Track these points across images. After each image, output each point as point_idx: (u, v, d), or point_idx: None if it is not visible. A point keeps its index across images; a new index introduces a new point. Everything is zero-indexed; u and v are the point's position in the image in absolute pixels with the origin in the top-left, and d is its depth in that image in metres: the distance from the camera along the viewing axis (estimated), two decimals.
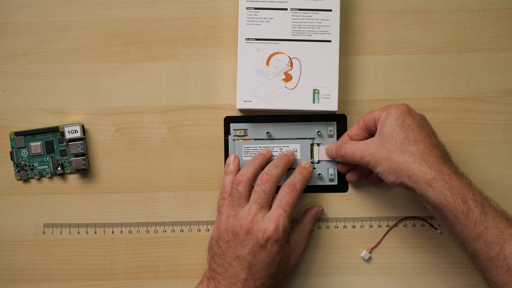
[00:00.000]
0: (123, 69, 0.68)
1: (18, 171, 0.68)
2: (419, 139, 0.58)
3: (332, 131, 0.68)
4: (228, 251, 0.59)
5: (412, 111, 0.60)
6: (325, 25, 0.65)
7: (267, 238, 0.58)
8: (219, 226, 0.61)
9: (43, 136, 0.67)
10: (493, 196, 0.67)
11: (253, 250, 0.58)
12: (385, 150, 0.58)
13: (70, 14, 0.68)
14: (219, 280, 0.59)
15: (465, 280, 0.67)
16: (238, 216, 0.60)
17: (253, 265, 0.58)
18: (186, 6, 0.68)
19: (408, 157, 0.57)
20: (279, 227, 0.58)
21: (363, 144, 0.60)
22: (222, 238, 0.60)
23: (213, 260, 0.61)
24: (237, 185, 0.61)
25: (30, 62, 0.68)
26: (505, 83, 0.68)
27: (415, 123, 0.59)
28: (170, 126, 0.68)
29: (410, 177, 0.56)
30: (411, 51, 0.68)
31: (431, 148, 0.57)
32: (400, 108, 0.60)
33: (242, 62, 0.65)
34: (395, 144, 0.58)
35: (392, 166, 0.57)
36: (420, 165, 0.56)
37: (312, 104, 0.65)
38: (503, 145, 0.68)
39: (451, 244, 0.67)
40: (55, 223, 0.68)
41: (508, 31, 0.68)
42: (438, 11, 0.68)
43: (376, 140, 0.60)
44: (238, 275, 0.58)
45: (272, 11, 0.65)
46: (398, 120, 0.59)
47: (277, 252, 0.58)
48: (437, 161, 0.57)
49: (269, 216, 0.59)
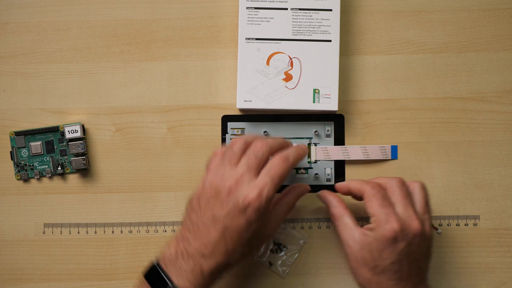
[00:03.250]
0: (123, 69, 0.68)
1: (18, 171, 0.68)
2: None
3: (330, 131, 0.68)
4: (206, 209, 0.56)
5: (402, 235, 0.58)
6: (325, 24, 0.65)
7: (247, 204, 0.54)
8: (204, 183, 0.58)
9: (43, 136, 0.67)
10: (493, 196, 0.67)
11: (231, 213, 0.55)
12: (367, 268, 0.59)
13: (70, 14, 0.68)
14: (189, 241, 0.57)
15: (465, 280, 0.67)
16: (225, 175, 0.56)
17: (228, 229, 0.55)
18: (186, 6, 0.68)
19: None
20: (262, 195, 0.54)
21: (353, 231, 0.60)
22: (204, 194, 0.57)
23: (189, 218, 0.58)
24: (232, 144, 0.58)
25: (30, 62, 0.68)
26: (505, 83, 0.68)
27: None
28: (170, 126, 0.68)
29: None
30: (411, 51, 0.68)
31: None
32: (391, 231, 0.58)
33: (242, 62, 0.65)
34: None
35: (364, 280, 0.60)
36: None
37: (312, 104, 0.65)
38: (503, 145, 0.68)
39: (451, 244, 0.67)
40: (55, 223, 0.68)
41: (508, 31, 0.68)
42: (438, 11, 0.68)
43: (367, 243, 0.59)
44: (210, 237, 0.56)
45: (272, 11, 0.65)
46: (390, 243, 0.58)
47: (255, 219, 0.55)
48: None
49: (255, 182, 0.55)
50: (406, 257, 0.58)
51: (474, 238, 0.67)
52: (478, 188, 0.68)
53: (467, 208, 0.68)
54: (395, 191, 0.60)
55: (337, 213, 0.62)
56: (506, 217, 0.67)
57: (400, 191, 0.59)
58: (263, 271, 0.68)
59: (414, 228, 0.57)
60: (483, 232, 0.67)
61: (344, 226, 0.61)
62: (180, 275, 0.56)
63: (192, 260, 0.56)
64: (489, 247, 0.67)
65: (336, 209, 0.62)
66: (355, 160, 0.68)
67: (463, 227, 0.68)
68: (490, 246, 0.67)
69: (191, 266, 0.56)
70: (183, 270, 0.56)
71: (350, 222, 0.61)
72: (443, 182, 0.67)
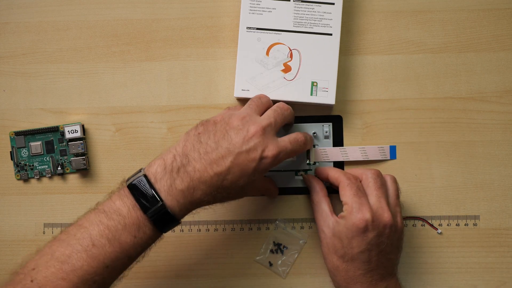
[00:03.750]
0: (123, 69, 0.68)
1: (18, 171, 0.68)
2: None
3: (328, 132, 0.68)
4: (223, 138, 0.55)
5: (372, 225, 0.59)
6: (327, 18, 0.65)
7: (264, 156, 0.55)
8: (226, 114, 0.58)
9: (43, 136, 0.67)
10: (493, 196, 0.67)
11: (247, 155, 0.55)
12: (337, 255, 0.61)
13: (70, 14, 0.68)
14: (189, 160, 0.54)
15: (465, 280, 0.67)
16: (252, 118, 0.57)
17: (236, 167, 0.54)
18: (186, 6, 0.68)
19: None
20: (278, 157, 0.56)
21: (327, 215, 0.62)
22: (224, 123, 0.57)
23: (197, 137, 0.56)
24: (261, 97, 0.62)
25: (30, 62, 0.68)
26: (505, 83, 0.68)
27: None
28: (170, 126, 0.68)
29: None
30: (411, 51, 0.68)
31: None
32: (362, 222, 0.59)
33: (242, 51, 0.65)
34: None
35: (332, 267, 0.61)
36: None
37: (309, 96, 0.65)
38: (503, 145, 0.68)
39: (451, 244, 0.67)
40: (55, 223, 0.68)
41: (508, 31, 0.68)
42: (438, 11, 0.68)
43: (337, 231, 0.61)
44: (218, 164, 0.54)
45: (275, 1, 0.65)
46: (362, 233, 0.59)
47: (259, 172, 0.56)
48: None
49: (277, 141, 0.57)
50: (376, 248, 0.59)
51: (474, 238, 0.67)
52: (478, 188, 0.67)
53: (467, 208, 0.68)
54: (370, 182, 0.61)
55: (316, 199, 0.64)
56: (506, 217, 0.67)
57: (374, 183, 0.61)
58: (263, 271, 0.68)
59: (385, 219, 0.59)
60: (483, 232, 0.67)
61: (321, 213, 0.63)
62: (170, 193, 0.54)
63: (188, 180, 0.54)
64: (489, 247, 0.67)
65: (316, 195, 0.64)
66: (354, 160, 0.68)
67: (463, 227, 0.68)
68: (490, 246, 0.67)
69: (185, 186, 0.54)
70: (174, 188, 0.54)
71: (327, 209, 0.62)
72: (443, 182, 0.67)
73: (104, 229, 0.52)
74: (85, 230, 0.53)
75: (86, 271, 0.51)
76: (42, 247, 0.53)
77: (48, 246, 0.53)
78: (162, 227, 0.54)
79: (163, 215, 0.53)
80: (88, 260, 0.51)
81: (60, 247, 0.52)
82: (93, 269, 0.51)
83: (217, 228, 0.68)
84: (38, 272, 0.51)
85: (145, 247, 0.55)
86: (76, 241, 0.52)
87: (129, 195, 0.54)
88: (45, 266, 0.51)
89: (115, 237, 0.52)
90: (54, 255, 0.52)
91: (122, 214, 0.53)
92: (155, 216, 0.53)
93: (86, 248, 0.52)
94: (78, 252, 0.51)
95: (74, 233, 0.53)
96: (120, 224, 0.53)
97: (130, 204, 0.53)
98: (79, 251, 0.51)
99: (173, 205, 0.54)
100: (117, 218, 0.53)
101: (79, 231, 0.53)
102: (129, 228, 0.53)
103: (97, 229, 0.52)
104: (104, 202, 0.55)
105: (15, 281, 0.51)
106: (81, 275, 0.51)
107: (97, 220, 0.53)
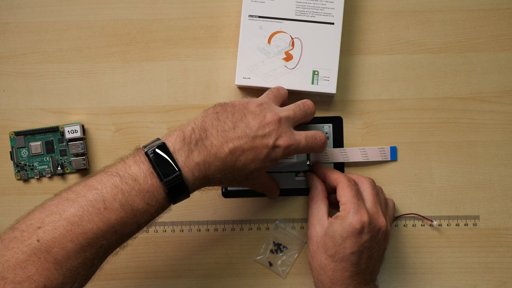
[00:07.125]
0: (123, 69, 0.68)
1: (18, 171, 0.68)
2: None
3: (328, 133, 0.68)
4: (241, 119, 0.56)
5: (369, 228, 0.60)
6: (329, 7, 0.65)
7: (278, 145, 0.56)
8: (247, 100, 0.59)
9: (43, 136, 0.67)
10: (493, 196, 0.67)
11: (261, 140, 0.56)
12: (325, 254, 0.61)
13: (70, 14, 0.68)
14: (207, 134, 0.55)
15: (465, 280, 0.67)
16: (271, 107, 0.58)
17: (251, 149, 0.56)
18: (186, 6, 0.68)
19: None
20: (290, 148, 0.57)
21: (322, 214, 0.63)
22: (243, 107, 0.57)
23: (215, 114, 0.57)
24: (280, 89, 0.63)
25: (30, 62, 0.68)
26: (505, 83, 0.68)
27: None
28: (170, 126, 0.68)
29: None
30: (411, 51, 0.68)
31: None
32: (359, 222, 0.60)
33: (243, 39, 0.65)
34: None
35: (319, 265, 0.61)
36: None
37: (311, 85, 0.65)
38: (503, 145, 0.68)
39: (451, 244, 0.67)
40: None
41: (508, 31, 0.68)
42: (438, 11, 0.68)
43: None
44: (234, 142, 0.55)
45: None
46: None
47: (270, 160, 0.57)
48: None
49: (293, 133, 0.58)
50: (367, 251, 0.60)
51: (474, 238, 0.67)
52: (478, 188, 0.68)
53: (467, 208, 0.68)
54: (367, 188, 0.62)
55: (316, 197, 0.64)
56: (506, 217, 0.67)
57: (371, 189, 0.62)
58: (263, 271, 0.68)
59: (380, 224, 0.60)
60: (483, 232, 0.68)
61: (317, 211, 0.63)
62: (187, 164, 0.54)
63: (205, 154, 0.54)
64: (489, 247, 0.67)
65: (317, 194, 0.64)
66: (355, 161, 0.68)
67: (463, 227, 0.68)
68: (490, 246, 0.67)
69: (201, 159, 0.54)
70: (192, 160, 0.54)
71: (324, 210, 0.63)
72: (443, 182, 0.68)
73: (117, 192, 0.51)
74: (97, 192, 0.51)
75: (96, 234, 0.50)
76: (46, 203, 0.51)
77: (54, 204, 0.51)
78: (174, 197, 0.54)
79: (179, 185, 0.53)
80: (99, 224, 0.50)
81: (70, 207, 0.50)
82: (102, 232, 0.50)
83: (217, 228, 0.68)
84: (46, 232, 0.49)
85: (154, 216, 0.54)
86: (88, 203, 0.50)
87: (146, 162, 0.53)
88: (54, 226, 0.49)
89: (128, 202, 0.51)
90: (63, 215, 0.50)
91: (137, 180, 0.52)
92: (171, 185, 0.53)
93: (98, 211, 0.50)
94: (90, 215, 0.50)
95: (84, 194, 0.51)
96: (134, 190, 0.51)
97: (147, 171, 0.52)
98: (90, 213, 0.50)
99: (188, 177, 0.53)
100: (132, 183, 0.52)
101: (90, 192, 0.51)
102: (143, 194, 0.52)
103: (111, 192, 0.51)
104: (116, 166, 0.53)
105: (17, 238, 0.49)
106: (90, 238, 0.49)
107: (111, 183, 0.51)
